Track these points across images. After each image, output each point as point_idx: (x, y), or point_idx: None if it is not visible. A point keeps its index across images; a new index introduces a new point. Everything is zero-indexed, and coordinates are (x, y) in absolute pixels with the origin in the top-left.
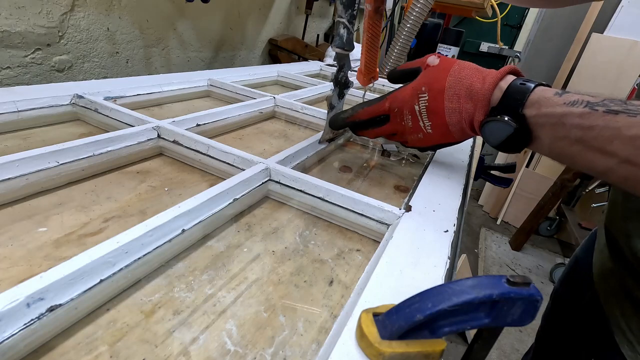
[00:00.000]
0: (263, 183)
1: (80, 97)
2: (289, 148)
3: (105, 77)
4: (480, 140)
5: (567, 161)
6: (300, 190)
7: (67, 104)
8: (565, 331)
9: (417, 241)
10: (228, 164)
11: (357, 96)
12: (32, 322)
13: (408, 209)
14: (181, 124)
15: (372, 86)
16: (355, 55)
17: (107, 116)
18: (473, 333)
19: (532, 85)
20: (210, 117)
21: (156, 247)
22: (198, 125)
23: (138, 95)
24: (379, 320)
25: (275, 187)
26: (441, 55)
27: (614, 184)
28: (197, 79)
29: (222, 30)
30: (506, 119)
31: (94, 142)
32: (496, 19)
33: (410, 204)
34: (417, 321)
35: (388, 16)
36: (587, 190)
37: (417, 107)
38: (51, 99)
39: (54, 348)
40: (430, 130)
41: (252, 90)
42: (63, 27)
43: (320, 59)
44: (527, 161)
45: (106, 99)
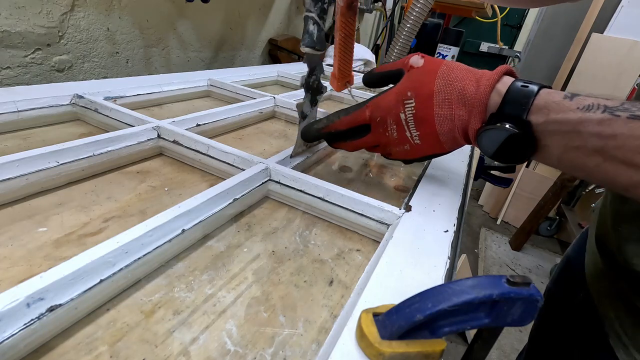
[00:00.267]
0: (263, 183)
1: (80, 97)
2: (289, 148)
3: (105, 77)
4: None
5: (580, 173)
6: (300, 190)
7: (67, 104)
8: (558, 331)
9: (417, 241)
10: (228, 164)
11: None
12: (32, 322)
13: (408, 209)
14: (181, 124)
15: (349, 92)
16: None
17: (107, 116)
18: (473, 333)
19: (535, 88)
20: (210, 117)
21: (156, 247)
22: (198, 125)
23: (138, 95)
24: (379, 320)
25: (275, 187)
26: (425, 55)
27: (638, 199)
28: (197, 79)
29: (222, 30)
30: (507, 126)
31: (94, 142)
32: (496, 19)
33: (410, 204)
34: (417, 321)
35: (388, 16)
36: (587, 190)
37: (402, 116)
38: (51, 99)
39: (54, 348)
40: (418, 141)
41: (252, 90)
42: (63, 27)
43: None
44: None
45: (106, 99)
